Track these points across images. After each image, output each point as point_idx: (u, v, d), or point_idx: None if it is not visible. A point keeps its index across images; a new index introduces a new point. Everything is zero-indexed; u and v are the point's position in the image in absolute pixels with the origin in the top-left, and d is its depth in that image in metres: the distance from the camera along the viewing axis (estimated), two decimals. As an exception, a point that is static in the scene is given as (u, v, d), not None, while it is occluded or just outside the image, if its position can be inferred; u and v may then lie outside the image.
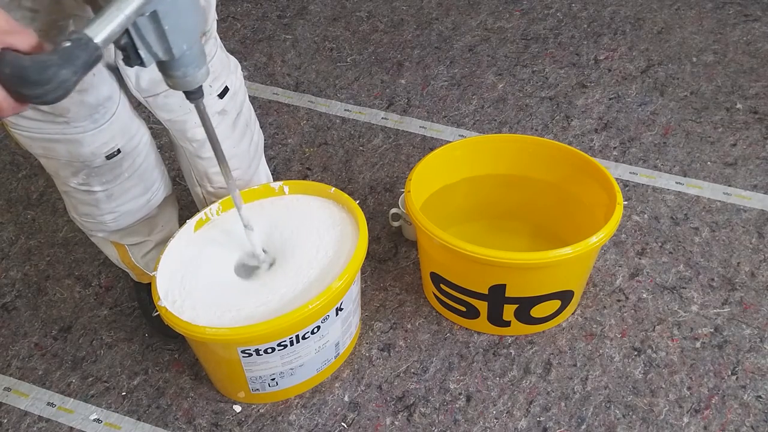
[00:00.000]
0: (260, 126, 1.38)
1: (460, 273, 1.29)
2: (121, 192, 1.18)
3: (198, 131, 1.20)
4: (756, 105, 1.89)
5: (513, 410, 1.25)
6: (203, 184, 1.32)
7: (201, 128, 1.15)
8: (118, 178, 1.16)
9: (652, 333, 1.36)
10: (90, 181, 1.14)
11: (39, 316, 1.46)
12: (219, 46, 1.18)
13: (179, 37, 0.83)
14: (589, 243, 1.19)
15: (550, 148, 1.44)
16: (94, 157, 1.09)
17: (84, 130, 1.05)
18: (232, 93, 1.22)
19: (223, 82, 1.20)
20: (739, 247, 1.51)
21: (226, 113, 1.22)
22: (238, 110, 1.26)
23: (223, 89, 1.20)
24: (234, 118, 1.25)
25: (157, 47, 0.83)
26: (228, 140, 1.24)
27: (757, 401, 1.24)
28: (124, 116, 1.10)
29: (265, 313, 1.13)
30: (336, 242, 1.23)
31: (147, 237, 1.33)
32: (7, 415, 1.29)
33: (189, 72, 0.89)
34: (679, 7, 2.27)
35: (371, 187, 1.71)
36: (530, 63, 2.07)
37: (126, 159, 1.14)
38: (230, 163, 1.21)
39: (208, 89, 1.16)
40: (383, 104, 1.96)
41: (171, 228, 1.37)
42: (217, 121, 1.20)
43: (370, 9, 2.33)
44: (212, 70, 1.15)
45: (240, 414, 1.27)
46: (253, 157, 1.34)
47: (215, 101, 1.19)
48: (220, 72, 1.19)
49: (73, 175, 1.13)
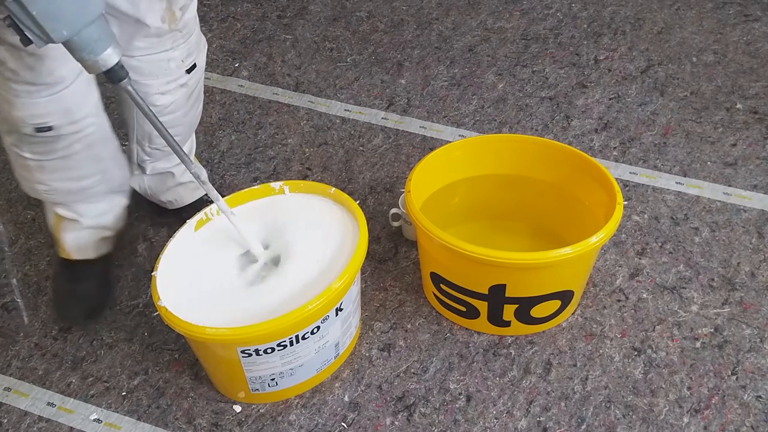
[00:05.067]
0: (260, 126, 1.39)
1: (460, 273, 1.29)
2: (54, 169, 1.22)
3: (159, 97, 1.28)
4: (756, 105, 1.89)
5: (513, 410, 1.25)
6: (142, 143, 1.39)
7: (162, 95, 1.28)
8: (50, 154, 1.19)
9: (652, 333, 1.36)
10: (21, 146, 1.18)
11: (39, 316, 1.46)
12: (197, 24, 1.28)
13: (55, 23, 0.86)
14: (589, 243, 1.19)
15: (550, 148, 1.44)
16: (23, 124, 1.12)
17: (17, 95, 1.09)
18: (197, 69, 1.31)
19: (194, 59, 1.29)
20: (739, 247, 1.51)
21: (187, 86, 1.31)
22: (195, 85, 1.35)
23: (192, 65, 1.29)
24: (191, 91, 1.34)
25: (36, 30, 0.86)
26: (180, 110, 1.34)
27: (757, 401, 1.24)
28: (71, 100, 1.13)
29: (265, 313, 1.13)
30: (336, 242, 1.23)
31: (79, 218, 1.36)
32: (7, 415, 1.29)
33: (85, 57, 0.92)
34: (679, 7, 2.27)
35: (371, 187, 1.71)
36: (530, 63, 2.07)
37: (61, 140, 1.17)
38: (176, 130, 1.34)
39: (180, 64, 1.26)
40: (383, 104, 1.96)
41: (112, 220, 1.42)
42: (179, 93, 1.30)
43: (370, 9, 2.33)
44: (188, 46, 1.26)
45: (240, 414, 1.27)
46: (192, 127, 1.45)
47: (182, 75, 1.28)
48: (194, 49, 1.28)
49: (8, 133, 1.18)
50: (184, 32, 1.23)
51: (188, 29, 1.25)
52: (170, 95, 1.29)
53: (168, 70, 1.25)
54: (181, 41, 1.24)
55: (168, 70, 1.26)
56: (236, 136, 1.87)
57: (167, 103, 1.30)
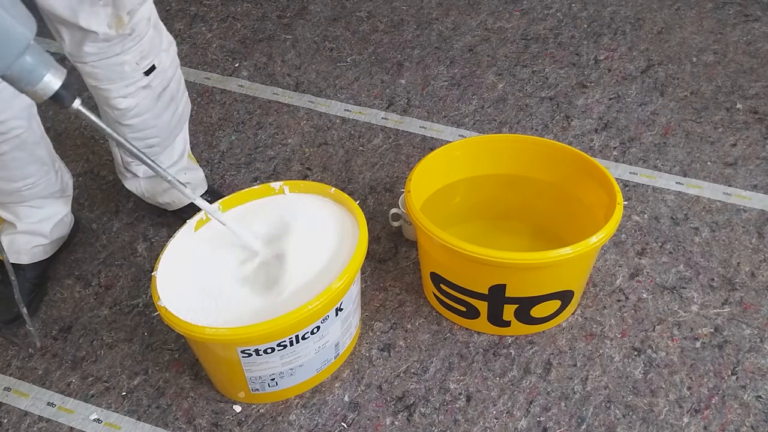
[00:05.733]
0: (260, 126, 1.39)
1: (460, 273, 1.29)
2: None
3: (121, 101, 1.28)
4: (756, 105, 1.89)
5: (513, 410, 1.25)
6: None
7: (123, 99, 1.28)
8: None
9: (652, 333, 1.36)
10: None
11: (39, 316, 1.46)
12: (152, 25, 1.25)
13: None
14: (589, 243, 1.19)
15: (550, 148, 1.44)
16: None
17: None
18: (160, 70, 1.30)
19: (151, 61, 1.27)
20: (739, 247, 1.51)
21: (151, 88, 1.30)
22: (165, 85, 1.33)
23: (150, 67, 1.27)
24: (159, 92, 1.32)
25: None
26: (150, 112, 1.33)
27: (757, 401, 1.24)
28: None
29: (265, 313, 1.13)
30: (336, 242, 1.23)
31: (17, 221, 1.40)
32: (7, 415, 1.29)
33: (24, 87, 0.92)
34: (679, 7, 2.27)
35: (371, 187, 1.71)
36: (530, 63, 2.07)
37: None
38: (149, 132, 1.35)
39: (135, 66, 1.25)
40: (383, 104, 1.96)
41: (49, 228, 1.44)
42: (141, 95, 1.29)
43: (370, 9, 2.33)
44: (141, 49, 1.24)
45: (240, 414, 1.27)
46: (174, 128, 1.42)
47: (141, 77, 1.27)
48: (149, 51, 1.26)
49: None
50: (134, 35, 1.21)
51: (138, 32, 1.22)
52: (132, 98, 1.28)
53: (123, 73, 1.24)
54: (131, 44, 1.22)
55: (123, 74, 1.25)
56: (236, 136, 1.87)
57: (130, 106, 1.29)
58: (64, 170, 1.46)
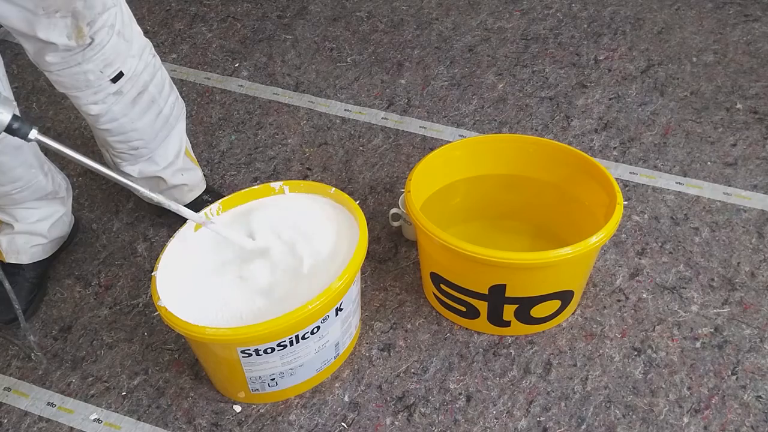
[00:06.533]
0: (260, 126, 1.39)
1: (460, 273, 1.29)
2: None
3: (91, 107, 1.28)
4: (756, 105, 1.89)
5: (513, 410, 1.25)
6: (107, 147, 1.41)
7: (94, 105, 1.27)
8: None
9: (652, 333, 1.36)
10: None
11: (39, 316, 1.46)
12: (115, 33, 1.22)
13: None
14: (589, 243, 1.19)
15: (550, 148, 1.44)
16: None
17: None
18: (129, 76, 1.27)
19: (117, 68, 1.25)
20: (739, 247, 1.51)
21: (122, 93, 1.28)
22: (140, 89, 1.31)
23: (117, 74, 1.25)
24: (133, 96, 1.31)
25: None
26: (125, 117, 1.32)
27: (757, 401, 1.24)
28: None
29: (265, 313, 1.13)
30: (336, 242, 1.23)
31: (14, 222, 1.40)
32: (7, 415, 1.29)
33: None
34: (679, 7, 2.27)
35: (371, 187, 1.71)
36: (530, 63, 2.07)
37: None
38: (131, 135, 1.34)
39: (99, 75, 1.23)
40: (383, 104, 1.96)
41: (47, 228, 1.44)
42: (112, 101, 1.28)
43: (370, 9, 2.33)
44: (104, 57, 1.22)
45: (240, 414, 1.27)
46: (159, 129, 1.40)
47: (108, 84, 1.25)
48: (114, 59, 1.24)
49: None
50: (94, 45, 1.19)
51: (99, 41, 1.20)
52: (102, 104, 1.28)
53: (88, 82, 1.23)
54: (92, 53, 1.20)
55: (88, 82, 1.24)
56: (236, 136, 1.87)
57: (102, 112, 1.29)
58: (55, 171, 1.45)
